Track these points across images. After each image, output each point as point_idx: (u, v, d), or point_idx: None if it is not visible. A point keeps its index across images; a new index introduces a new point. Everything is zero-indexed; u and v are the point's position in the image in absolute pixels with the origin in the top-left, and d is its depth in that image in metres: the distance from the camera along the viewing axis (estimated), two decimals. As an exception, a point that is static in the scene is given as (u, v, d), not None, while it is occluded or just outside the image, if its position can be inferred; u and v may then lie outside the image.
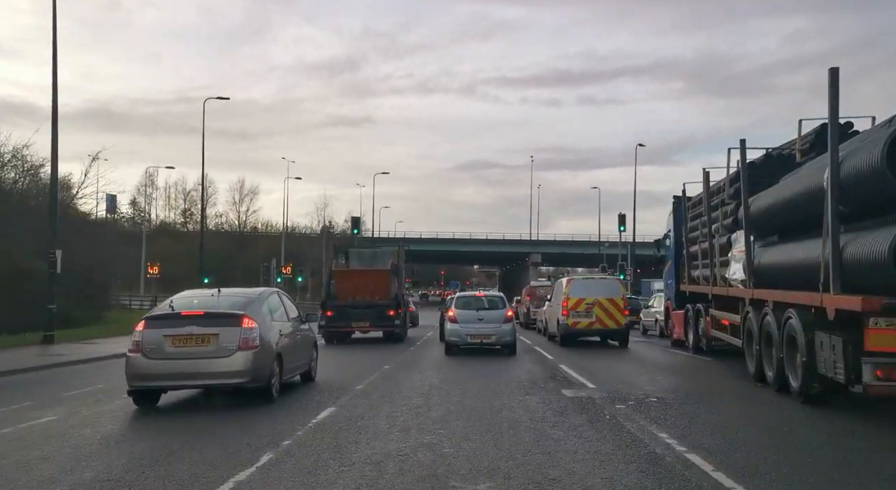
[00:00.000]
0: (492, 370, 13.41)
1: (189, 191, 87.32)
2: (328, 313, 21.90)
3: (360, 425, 7.69)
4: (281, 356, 9.67)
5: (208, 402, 9.76)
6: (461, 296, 19.43)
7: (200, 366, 8.74)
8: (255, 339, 8.90)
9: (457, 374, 12.89)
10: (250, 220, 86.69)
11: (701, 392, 10.54)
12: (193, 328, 8.80)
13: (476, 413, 8.43)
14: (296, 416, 8.35)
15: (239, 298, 9.81)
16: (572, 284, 20.60)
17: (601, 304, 19.67)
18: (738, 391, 10.60)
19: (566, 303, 19.91)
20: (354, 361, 15.80)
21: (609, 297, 19.82)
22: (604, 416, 8.25)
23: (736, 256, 12.93)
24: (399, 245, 29.84)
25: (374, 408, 8.88)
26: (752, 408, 9.06)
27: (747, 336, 12.08)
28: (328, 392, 10.40)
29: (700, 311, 16.86)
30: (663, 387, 11.09)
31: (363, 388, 10.78)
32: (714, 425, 7.78)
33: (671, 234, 20.77)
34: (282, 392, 9.77)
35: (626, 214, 43.16)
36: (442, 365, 14.75)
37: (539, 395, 9.91)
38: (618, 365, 14.78)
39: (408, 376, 12.48)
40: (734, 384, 11.49)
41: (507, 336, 17.13)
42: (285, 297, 11.47)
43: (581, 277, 22.86)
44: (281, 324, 10.11)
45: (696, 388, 11.18)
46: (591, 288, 20.38)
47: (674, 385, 11.48)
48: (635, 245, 45.51)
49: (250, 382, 8.93)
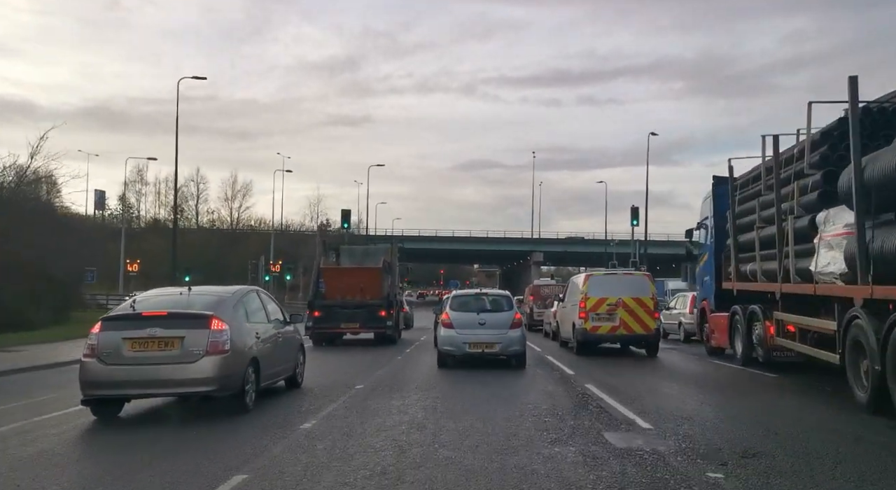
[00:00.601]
0: (498, 394, 10.04)
1: (180, 187, 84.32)
2: (315, 314, 20.48)
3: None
4: (257, 361, 8.89)
5: (176, 412, 8.89)
6: (458, 295, 15.55)
7: (163, 372, 7.97)
8: (225, 342, 8.14)
9: (450, 400, 9.50)
10: (243, 217, 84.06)
11: (809, 436, 7.02)
12: (156, 330, 8.04)
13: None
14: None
15: (210, 298, 8.98)
16: (591, 282, 17.18)
17: (626, 304, 16.49)
18: (862, 431, 7.23)
19: (584, 304, 16.71)
20: (331, 371, 12.66)
21: (636, 297, 16.60)
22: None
23: (829, 242, 9.54)
24: (392, 242, 27.53)
25: (309, 478, 5.48)
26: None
27: (852, 349, 8.74)
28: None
29: (756, 313, 13.49)
30: (748, 426, 7.66)
31: (308, 429, 7.48)
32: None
33: (709, 221, 17.35)
34: (259, 400, 8.90)
35: (638, 207, 39.58)
36: (432, 383, 11.38)
37: (574, 445, 6.51)
38: (661, 385, 11.39)
39: (383, 405, 9.06)
40: (846, 418, 8.07)
41: (514, 344, 13.68)
42: (266, 296, 10.56)
43: (602, 273, 18.97)
44: (259, 326, 9.36)
45: (798, 426, 7.62)
46: (614, 286, 17.10)
47: (761, 421, 7.98)
48: (647, 243, 42.00)
49: (219, 391, 8.15)
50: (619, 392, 10.00)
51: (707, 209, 17.65)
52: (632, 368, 14.03)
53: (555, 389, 10.49)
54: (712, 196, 17.05)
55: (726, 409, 8.96)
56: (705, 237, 17.83)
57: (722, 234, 16.36)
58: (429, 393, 10.09)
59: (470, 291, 17.13)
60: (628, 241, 58.38)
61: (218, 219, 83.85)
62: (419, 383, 11.24)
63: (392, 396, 9.67)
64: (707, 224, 17.65)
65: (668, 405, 8.99)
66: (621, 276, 18.37)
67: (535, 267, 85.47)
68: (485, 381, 11.59)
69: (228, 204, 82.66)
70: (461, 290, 18.11)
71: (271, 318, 10.01)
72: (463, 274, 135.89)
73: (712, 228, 17.04)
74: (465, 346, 13.59)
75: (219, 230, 78.35)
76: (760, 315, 13.22)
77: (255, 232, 75.11)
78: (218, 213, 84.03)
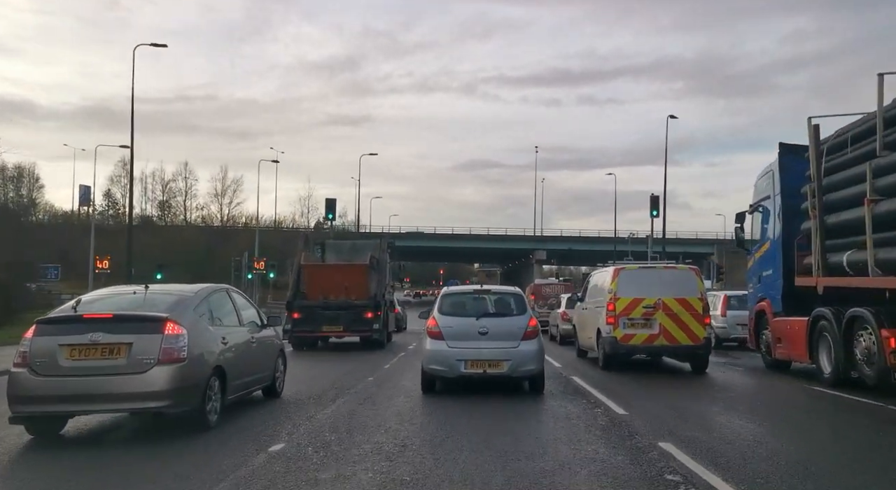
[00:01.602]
0: (507, 454, 6.19)
1: (168, 182, 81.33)
2: (295, 315, 18.59)
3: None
4: (223, 370, 7.75)
5: (131, 426, 7.69)
6: (451, 293, 11.16)
7: (106, 385, 6.82)
8: (182, 349, 7.03)
9: (426, 472, 5.66)
10: (234, 214, 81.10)
11: None
12: (99, 335, 6.90)
13: None
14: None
15: (169, 298, 7.83)
16: (623, 278, 13.32)
17: (668, 307, 12.80)
18: None
19: (613, 306, 13.01)
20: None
21: (680, 297, 12.86)
22: None
23: None
24: (381, 237, 24.92)
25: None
26: None
27: None
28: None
29: (863, 318, 9.76)
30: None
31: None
32: None
33: (772, 202, 13.58)
34: (227, 414, 7.73)
35: (658, 197, 35.49)
36: (405, 435, 7.12)
37: None
38: (765, 434, 7.41)
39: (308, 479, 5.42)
40: None
41: (529, 362, 9.81)
42: (238, 295, 9.44)
43: (636, 267, 14.56)
44: (227, 329, 8.28)
45: None
46: (652, 283, 13.19)
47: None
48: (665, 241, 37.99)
49: (172, 406, 6.97)
50: (723, 461, 6.04)
51: (767, 187, 13.88)
52: (697, 398, 10.22)
53: (610, 455, 6.17)
54: (778, 168, 13.25)
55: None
56: (765, 222, 14.08)
57: (794, 215, 12.64)
58: (395, 463, 5.94)
59: (467, 288, 12.48)
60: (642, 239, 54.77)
61: (207, 215, 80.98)
62: (387, 432, 7.29)
63: (326, 469, 5.77)
64: (767, 206, 13.89)
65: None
66: (661, 271, 13.97)
67: (538, 265, 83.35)
68: (488, 422, 7.81)
69: (218, 200, 79.54)
70: (455, 288, 12.68)
71: (244, 321, 8.97)
72: (463, 273, 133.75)
73: (778, 210, 13.26)
74: (460, 364, 9.74)
75: (207, 227, 75.34)
76: (873, 321, 9.50)
77: (248, 229, 71.78)
78: (208, 209, 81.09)
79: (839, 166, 10.89)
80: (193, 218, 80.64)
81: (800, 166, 12.50)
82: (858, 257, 9.92)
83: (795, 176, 12.56)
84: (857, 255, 9.97)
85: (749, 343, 15.27)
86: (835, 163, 11.06)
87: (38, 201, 77.98)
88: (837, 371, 10.53)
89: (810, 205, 11.52)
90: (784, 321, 12.80)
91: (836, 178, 10.99)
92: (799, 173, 12.42)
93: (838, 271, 10.71)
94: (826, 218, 11.04)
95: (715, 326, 18.98)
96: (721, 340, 19.43)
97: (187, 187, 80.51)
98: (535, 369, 9.91)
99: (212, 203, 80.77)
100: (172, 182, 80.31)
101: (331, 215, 33.01)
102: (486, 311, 10.34)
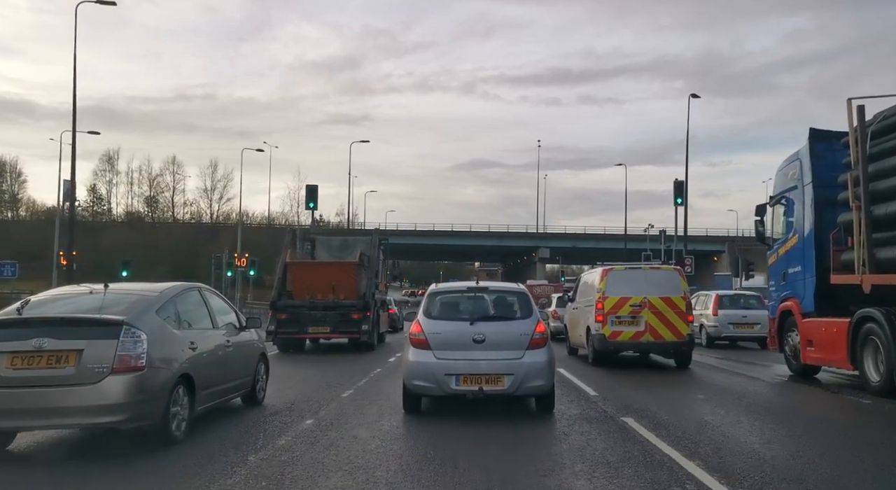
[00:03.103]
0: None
1: (155, 176, 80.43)
2: (281, 316, 18.24)
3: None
4: (191, 378, 7.16)
5: (85, 442, 7.04)
6: (439, 292, 9.34)
7: (51, 397, 6.20)
8: (140, 356, 6.42)
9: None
10: (224, 210, 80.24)
11: None
12: (45, 341, 6.28)
13: None
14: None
15: (129, 298, 7.24)
16: (611, 278, 14.61)
17: (653, 305, 14.09)
18: None
19: (602, 304, 14.32)
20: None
21: (664, 296, 14.12)
22: None
23: None
24: (373, 233, 23.77)
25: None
26: None
27: None
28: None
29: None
30: None
31: None
32: None
33: (800, 193, 12.78)
34: (197, 425, 7.29)
35: (682, 182, 33.99)
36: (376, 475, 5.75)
37: None
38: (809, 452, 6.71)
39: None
40: None
41: (536, 377, 8.30)
42: (213, 295, 8.86)
43: (623, 268, 15.49)
44: (198, 333, 7.70)
45: None
46: (638, 283, 14.47)
47: None
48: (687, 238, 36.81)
49: (129, 421, 6.41)
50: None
51: (793, 177, 13.17)
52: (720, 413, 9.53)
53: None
54: (809, 156, 12.48)
55: None
56: (790, 215, 13.37)
57: (828, 207, 11.89)
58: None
59: (459, 286, 10.31)
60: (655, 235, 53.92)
61: (196, 212, 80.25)
62: (358, 463, 6.09)
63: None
64: (793, 197, 13.16)
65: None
66: (647, 272, 15.05)
67: (541, 264, 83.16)
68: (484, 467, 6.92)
69: (207, 195, 78.65)
70: (444, 284, 10.12)
71: (219, 323, 8.50)
72: (464, 273, 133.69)
73: (809, 200, 12.46)
74: (450, 380, 8.21)
75: (195, 223, 74.63)
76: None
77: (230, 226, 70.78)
78: (197, 206, 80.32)
79: (892, 150, 10.11)
80: (182, 215, 79.88)
81: (833, 154, 11.89)
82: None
83: (829, 164, 11.92)
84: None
85: (770, 345, 14.65)
86: (886, 146, 10.28)
87: (21, 197, 77.29)
88: (889, 379, 9.77)
89: (852, 195, 10.72)
90: (818, 322, 12.04)
91: (885, 164, 10.21)
92: (833, 162, 11.78)
93: (892, 267, 9.93)
94: (874, 208, 10.27)
95: (707, 326, 20.85)
96: (713, 339, 20.51)
97: (175, 183, 79.72)
98: (544, 385, 8.40)
99: (201, 199, 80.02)
100: (159, 177, 79.51)
101: (312, 204, 31.60)
102: (482, 314, 8.81)
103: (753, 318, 19.94)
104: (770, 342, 14.54)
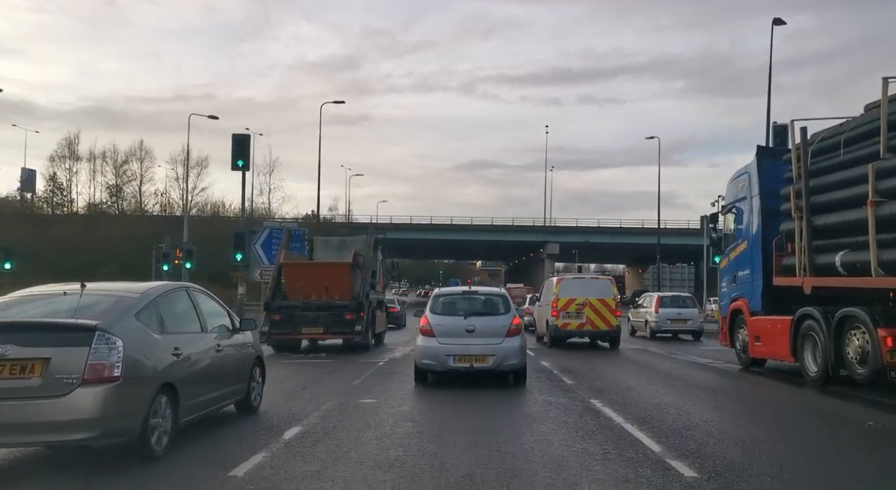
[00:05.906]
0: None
1: (121, 163, 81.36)
2: (274, 317, 20.37)
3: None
4: (174, 387, 7.38)
5: (54, 456, 7.27)
6: (441, 294, 14.62)
7: (14, 412, 6.29)
8: (115, 365, 6.51)
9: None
10: (198, 201, 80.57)
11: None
12: (7, 348, 6.38)
13: None
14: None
15: (107, 299, 7.40)
16: (562, 284, 23.10)
17: (592, 304, 22.02)
18: None
19: (556, 303, 22.25)
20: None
21: (600, 298, 22.08)
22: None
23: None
24: (368, 232, 26.06)
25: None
26: None
27: None
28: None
29: (856, 318, 11.79)
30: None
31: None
32: None
33: (748, 204, 16.25)
34: (181, 437, 7.53)
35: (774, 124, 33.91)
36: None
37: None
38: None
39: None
40: None
41: (512, 357, 12.86)
42: (203, 295, 9.14)
43: (571, 277, 25.88)
44: (184, 337, 7.97)
45: None
46: (582, 288, 22.86)
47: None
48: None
49: (102, 437, 6.50)
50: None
51: (742, 189, 16.63)
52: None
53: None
54: (756, 171, 15.84)
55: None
56: (739, 223, 16.87)
57: (772, 217, 15.15)
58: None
59: (455, 290, 16.29)
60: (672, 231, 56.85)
61: (167, 203, 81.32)
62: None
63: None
64: (742, 207, 16.60)
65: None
66: (588, 280, 24.97)
67: (549, 261, 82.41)
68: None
69: (179, 184, 79.45)
70: (445, 289, 17.10)
71: (209, 326, 8.75)
72: (465, 273, 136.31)
73: (756, 211, 15.82)
74: (449, 359, 12.73)
75: (165, 216, 75.60)
76: (868, 320, 11.50)
77: (207, 218, 71.93)
78: (168, 196, 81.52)
79: (830, 168, 13.02)
80: (152, 206, 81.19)
81: (777, 169, 15.16)
82: (855, 258, 11.91)
83: (773, 178, 15.13)
84: (854, 256, 11.96)
85: (721, 341, 18.02)
86: (824, 165, 13.25)
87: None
88: (825, 370, 12.59)
89: (794, 206, 13.74)
90: (764, 320, 15.19)
91: (826, 180, 13.14)
92: (777, 176, 15.02)
93: (829, 271, 12.81)
94: (814, 219, 13.26)
95: (650, 321, 28.67)
96: (655, 332, 28.23)
97: (143, 170, 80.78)
98: (517, 363, 12.95)
99: (172, 189, 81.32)
100: (126, 164, 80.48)
101: (241, 163, 26.94)
102: (474, 309, 13.43)
103: (687, 315, 28.16)
104: (721, 338, 17.97)
